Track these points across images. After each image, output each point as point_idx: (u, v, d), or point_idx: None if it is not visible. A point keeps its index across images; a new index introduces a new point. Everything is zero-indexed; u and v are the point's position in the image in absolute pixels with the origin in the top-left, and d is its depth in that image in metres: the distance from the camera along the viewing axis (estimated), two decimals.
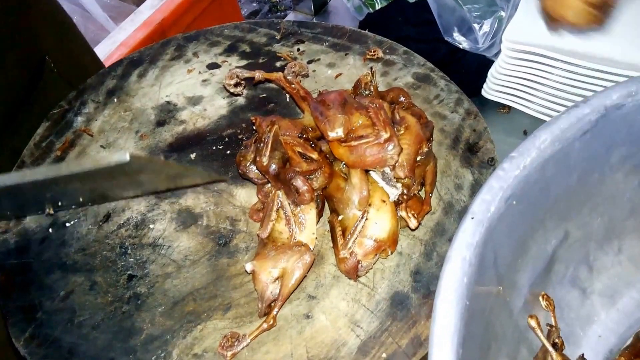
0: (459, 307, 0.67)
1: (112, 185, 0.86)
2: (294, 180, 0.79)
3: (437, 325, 0.66)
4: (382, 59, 1.15)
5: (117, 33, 1.80)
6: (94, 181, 0.80)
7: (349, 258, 0.81)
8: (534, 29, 1.14)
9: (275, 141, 0.81)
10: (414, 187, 0.85)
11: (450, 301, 0.67)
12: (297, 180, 0.79)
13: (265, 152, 0.81)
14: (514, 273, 0.83)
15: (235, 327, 0.82)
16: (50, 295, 0.87)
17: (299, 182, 0.79)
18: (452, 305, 0.67)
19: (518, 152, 0.80)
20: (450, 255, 0.71)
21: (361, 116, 0.83)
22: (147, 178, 0.84)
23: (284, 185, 0.82)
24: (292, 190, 0.81)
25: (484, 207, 0.75)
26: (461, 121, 1.03)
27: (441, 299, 0.68)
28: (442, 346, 0.64)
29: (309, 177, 0.82)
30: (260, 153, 0.81)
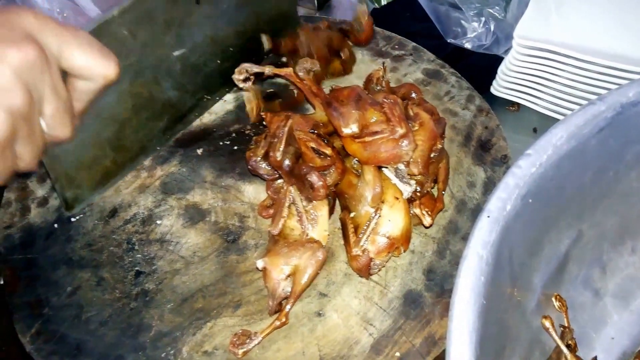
0: (476, 306, 0.68)
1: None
2: (309, 175, 0.80)
3: (455, 324, 0.66)
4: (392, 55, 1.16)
5: None
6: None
7: (362, 256, 0.82)
8: (546, 25, 1.14)
9: (290, 136, 0.82)
10: (427, 184, 0.86)
11: (468, 300, 0.68)
12: (313, 175, 0.80)
13: (279, 148, 0.81)
14: (528, 273, 0.84)
15: (245, 325, 0.82)
16: (57, 291, 0.87)
17: (314, 177, 0.80)
18: (470, 304, 0.68)
19: (534, 150, 0.80)
20: (467, 253, 0.72)
21: (375, 112, 0.83)
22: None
23: (298, 181, 0.82)
24: (305, 186, 0.81)
25: (500, 205, 0.75)
26: (473, 118, 1.04)
27: (458, 298, 0.68)
28: (460, 345, 0.64)
29: (323, 173, 0.82)
30: (274, 148, 0.82)
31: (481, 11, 1.22)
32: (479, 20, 1.22)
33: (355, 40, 1.16)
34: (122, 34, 0.87)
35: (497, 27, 1.22)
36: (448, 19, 1.25)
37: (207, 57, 1.06)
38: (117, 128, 0.95)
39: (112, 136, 0.95)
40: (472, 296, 0.68)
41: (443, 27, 1.27)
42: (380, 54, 1.17)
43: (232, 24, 1.07)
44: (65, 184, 0.93)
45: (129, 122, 0.97)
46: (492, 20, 1.22)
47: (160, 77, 0.98)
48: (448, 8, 1.25)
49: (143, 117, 0.99)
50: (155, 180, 1.00)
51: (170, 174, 1.01)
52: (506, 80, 1.25)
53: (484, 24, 1.22)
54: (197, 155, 1.03)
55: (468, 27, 1.24)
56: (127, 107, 0.95)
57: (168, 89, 1.01)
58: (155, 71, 0.97)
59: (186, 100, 1.06)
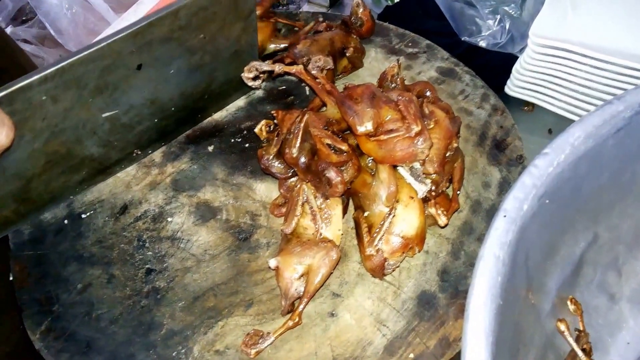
0: (492, 307, 0.68)
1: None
2: (326, 171, 0.80)
3: (471, 324, 0.66)
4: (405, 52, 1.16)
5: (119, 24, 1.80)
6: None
7: (375, 255, 0.82)
8: (562, 24, 1.14)
9: (305, 133, 0.82)
10: (443, 183, 0.86)
11: (484, 301, 0.68)
12: (330, 171, 0.80)
13: (295, 144, 0.81)
14: (543, 275, 0.84)
15: (257, 325, 0.83)
16: (67, 287, 0.88)
17: (332, 173, 0.80)
18: (486, 305, 0.68)
19: (551, 149, 0.80)
20: (483, 253, 0.72)
21: (390, 110, 0.83)
22: None
23: (314, 177, 0.82)
24: (322, 183, 0.81)
25: (517, 205, 0.75)
26: (488, 117, 1.04)
27: (474, 298, 0.68)
28: (476, 346, 0.64)
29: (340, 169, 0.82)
30: (290, 145, 0.82)
31: (496, 9, 1.22)
32: (494, 18, 1.22)
33: (357, 34, 1.15)
34: (39, 100, 0.80)
35: (513, 26, 1.22)
36: (462, 16, 1.25)
37: (144, 117, 0.98)
38: (23, 183, 0.89)
39: (16, 190, 0.89)
40: (488, 297, 0.68)
41: (457, 25, 1.27)
42: (394, 51, 1.17)
43: (179, 87, 1.00)
44: None
45: (39, 177, 0.90)
46: (507, 18, 1.22)
47: (82, 137, 0.91)
48: (463, 5, 1.25)
49: (57, 172, 0.93)
50: (166, 177, 1.00)
51: (181, 171, 1.01)
52: (521, 80, 1.25)
53: (499, 22, 1.22)
54: (208, 152, 1.04)
55: (483, 25, 1.24)
56: (39, 164, 0.88)
57: (91, 146, 0.94)
58: (77, 131, 0.90)
59: (111, 156, 0.99)
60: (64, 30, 1.84)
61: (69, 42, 1.84)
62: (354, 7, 1.13)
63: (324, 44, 1.04)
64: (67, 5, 1.86)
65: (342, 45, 1.08)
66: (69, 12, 1.86)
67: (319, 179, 0.82)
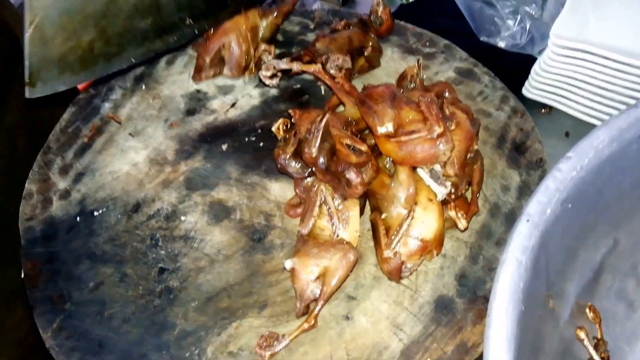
0: (515, 312, 0.68)
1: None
2: (346, 172, 0.80)
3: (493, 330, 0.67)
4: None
5: None
6: None
7: (393, 258, 0.82)
8: (584, 25, 1.13)
9: (325, 132, 0.82)
10: (462, 186, 0.86)
11: (507, 306, 0.68)
12: (350, 172, 0.80)
13: (315, 144, 0.81)
14: (563, 281, 0.84)
15: (271, 326, 0.83)
16: (79, 286, 0.88)
17: (352, 174, 0.80)
18: (508, 310, 0.68)
19: (575, 153, 0.80)
20: (506, 258, 0.72)
21: (411, 111, 0.83)
22: None
23: (333, 177, 0.82)
24: (341, 184, 0.81)
25: (540, 209, 0.75)
26: (507, 119, 1.04)
27: (497, 303, 0.68)
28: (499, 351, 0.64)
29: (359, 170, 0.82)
30: (309, 144, 0.82)
31: (517, 9, 1.22)
32: (514, 19, 1.22)
33: (376, 33, 1.15)
34: None
35: (533, 26, 1.22)
36: (482, 16, 1.25)
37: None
38: (104, 3, 0.95)
39: (96, 12, 0.95)
40: (510, 302, 0.68)
41: (476, 25, 1.27)
42: (411, 51, 1.17)
43: None
44: (38, 43, 0.91)
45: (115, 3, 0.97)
46: (527, 18, 1.21)
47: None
48: (482, 5, 1.24)
49: (131, 2, 0.99)
50: (179, 175, 1.01)
51: (194, 170, 1.01)
52: (539, 82, 1.24)
53: (519, 22, 1.22)
54: (221, 151, 1.04)
55: (502, 25, 1.24)
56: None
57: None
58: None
59: (171, 10, 1.06)
60: None
61: None
62: (374, 5, 1.13)
63: (342, 43, 1.05)
64: None
65: (360, 44, 1.08)
66: None
67: (337, 180, 0.82)
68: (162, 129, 1.08)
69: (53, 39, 0.93)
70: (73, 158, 1.04)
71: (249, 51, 1.11)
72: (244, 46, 1.10)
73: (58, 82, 0.98)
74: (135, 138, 1.06)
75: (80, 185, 1.00)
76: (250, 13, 1.13)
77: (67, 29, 0.94)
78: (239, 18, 1.11)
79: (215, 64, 1.13)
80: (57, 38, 0.93)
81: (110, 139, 1.06)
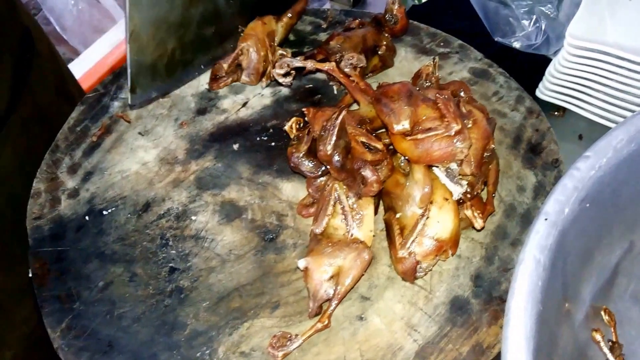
0: (533, 312, 0.67)
1: None
2: (362, 170, 0.80)
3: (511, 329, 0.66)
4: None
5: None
6: None
7: (408, 258, 0.81)
8: (600, 25, 1.13)
9: (341, 130, 0.82)
10: (478, 185, 0.85)
11: (525, 305, 0.67)
12: (366, 170, 0.79)
13: (330, 141, 0.81)
14: (578, 283, 0.83)
15: (284, 327, 0.82)
16: (88, 285, 0.88)
17: (368, 172, 0.79)
18: (527, 309, 0.67)
19: (593, 152, 0.80)
20: (523, 257, 0.71)
21: (428, 108, 0.83)
22: None
23: (349, 176, 0.82)
24: (356, 182, 0.81)
25: (558, 208, 0.75)
26: (522, 120, 1.04)
27: (515, 302, 0.68)
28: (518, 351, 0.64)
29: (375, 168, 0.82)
30: (324, 142, 0.82)
31: (532, 9, 1.22)
32: (530, 19, 1.22)
33: (390, 32, 1.15)
34: None
35: (549, 26, 1.22)
36: (497, 16, 1.25)
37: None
38: (180, 12, 1.03)
39: (176, 21, 1.03)
40: (529, 301, 0.68)
41: (491, 25, 1.27)
42: (425, 51, 1.17)
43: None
44: (136, 51, 0.99)
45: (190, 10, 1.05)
46: (543, 18, 1.21)
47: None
48: (497, 5, 1.24)
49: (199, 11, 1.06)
50: (190, 174, 1.01)
51: (205, 169, 1.01)
52: (554, 83, 1.24)
53: (534, 22, 1.22)
54: (232, 150, 1.04)
55: (517, 25, 1.24)
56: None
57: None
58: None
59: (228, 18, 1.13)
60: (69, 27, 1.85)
61: (74, 38, 1.85)
62: (389, 4, 1.13)
63: (356, 41, 1.05)
64: (73, 2, 1.87)
65: (374, 43, 1.08)
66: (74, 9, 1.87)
67: (352, 178, 0.82)
68: (173, 128, 1.08)
69: (146, 48, 1.01)
70: (82, 157, 1.04)
71: (267, 57, 1.11)
72: (262, 52, 1.10)
73: (151, 88, 1.06)
74: (145, 137, 1.06)
75: (89, 185, 1.00)
76: (267, 18, 1.13)
77: (156, 37, 1.01)
78: (256, 24, 1.12)
79: (232, 70, 1.13)
80: (149, 47, 1.01)
81: (119, 138, 1.06)
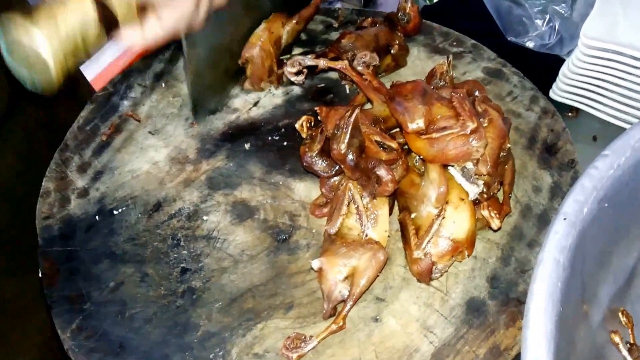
0: (554, 313, 0.67)
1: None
2: (377, 168, 0.79)
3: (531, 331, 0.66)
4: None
5: None
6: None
7: (423, 259, 0.81)
8: (614, 25, 1.13)
9: (355, 128, 0.81)
10: (494, 185, 0.85)
11: (545, 306, 0.67)
12: (381, 169, 0.79)
13: (344, 139, 0.80)
14: (596, 284, 0.82)
15: (297, 328, 0.82)
16: (99, 285, 0.87)
17: (383, 171, 0.79)
18: (547, 311, 0.66)
19: (611, 151, 0.79)
20: (543, 257, 0.71)
21: (443, 107, 0.82)
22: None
23: (363, 175, 0.81)
24: (370, 181, 0.80)
25: (577, 208, 0.74)
26: (537, 120, 1.03)
27: (535, 303, 0.67)
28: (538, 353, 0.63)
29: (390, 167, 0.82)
30: (338, 140, 0.81)
31: (546, 8, 1.21)
32: (543, 18, 1.21)
33: (403, 31, 1.15)
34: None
35: (562, 26, 1.21)
36: (510, 15, 1.24)
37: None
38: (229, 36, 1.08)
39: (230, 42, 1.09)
40: (549, 302, 0.67)
41: (504, 24, 1.26)
42: (437, 50, 1.17)
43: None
44: (196, 80, 1.05)
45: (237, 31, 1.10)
46: (557, 18, 1.21)
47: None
48: (511, 4, 1.24)
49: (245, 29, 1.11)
50: (201, 174, 1.00)
51: (216, 169, 1.01)
52: (567, 84, 1.23)
53: (548, 22, 1.21)
54: (244, 149, 1.03)
55: (530, 25, 1.23)
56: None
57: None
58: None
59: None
60: None
61: None
62: (402, 2, 1.13)
63: (368, 40, 1.04)
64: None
65: (386, 42, 1.08)
66: None
67: (367, 177, 0.81)
68: (183, 127, 1.07)
69: (204, 72, 1.06)
70: (91, 156, 1.03)
71: (272, 66, 1.11)
72: (267, 63, 1.09)
73: (209, 103, 1.10)
74: (155, 136, 1.06)
75: (99, 184, 1.00)
76: (273, 25, 1.12)
77: (210, 62, 1.06)
78: (262, 32, 1.11)
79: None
80: (205, 72, 1.06)
81: (129, 137, 1.06)
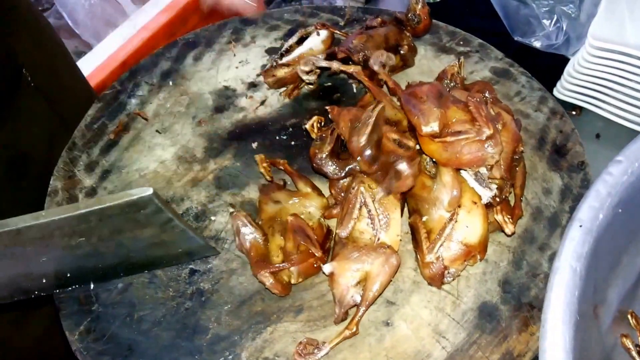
0: (571, 323, 0.65)
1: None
2: (397, 163, 0.76)
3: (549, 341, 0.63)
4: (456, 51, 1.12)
5: (138, 16, 1.76)
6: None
7: (435, 263, 0.78)
8: (620, 26, 1.11)
9: (376, 124, 0.78)
10: (507, 189, 0.82)
11: (562, 317, 0.65)
12: (403, 163, 0.76)
13: (365, 131, 0.77)
14: (607, 287, 0.81)
15: (308, 332, 0.79)
16: (107, 287, 0.85)
17: (404, 165, 0.76)
18: (565, 321, 0.64)
19: (624, 156, 0.77)
20: (559, 265, 0.69)
21: (458, 111, 0.80)
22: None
23: (379, 169, 0.78)
24: (387, 176, 0.78)
25: (592, 215, 0.72)
26: (546, 121, 1.00)
27: (552, 314, 0.65)
28: None
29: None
30: (359, 133, 0.78)
31: (553, 8, 1.18)
32: (550, 18, 1.19)
33: (412, 31, 1.12)
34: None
35: (570, 26, 1.18)
36: (517, 15, 1.21)
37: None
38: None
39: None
40: (567, 312, 0.65)
41: (511, 24, 1.23)
42: (444, 49, 1.14)
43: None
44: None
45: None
46: (564, 18, 1.18)
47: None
48: (518, 4, 1.21)
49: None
50: (208, 173, 0.97)
51: (224, 168, 0.98)
52: (572, 83, 1.21)
53: (555, 22, 1.19)
54: (252, 149, 1.00)
55: (537, 25, 1.20)
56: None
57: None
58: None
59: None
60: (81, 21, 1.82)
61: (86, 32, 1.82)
62: (412, 3, 1.10)
63: (379, 40, 1.01)
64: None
65: (395, 42, 1.05)
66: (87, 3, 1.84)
67: (384, 172, 0.78)
68: (190, 126, 1.04)
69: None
70: (99, 155, 1.00)
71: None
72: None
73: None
74: (163, 135, 1.03)
75: (107, 183, 0.97)
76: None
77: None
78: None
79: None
80: None
81: (137, 135, 1.03)
